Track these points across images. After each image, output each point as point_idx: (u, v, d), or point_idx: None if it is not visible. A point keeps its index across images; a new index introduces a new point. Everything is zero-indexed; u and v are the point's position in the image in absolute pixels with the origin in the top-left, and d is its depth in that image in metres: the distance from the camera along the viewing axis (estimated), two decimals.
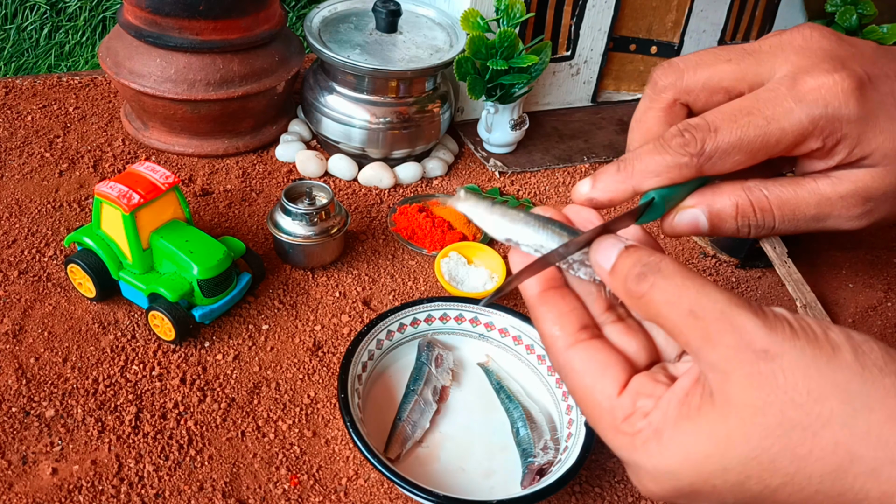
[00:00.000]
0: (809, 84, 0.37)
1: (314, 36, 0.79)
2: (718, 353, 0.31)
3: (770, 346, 0.30)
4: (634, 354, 0.36)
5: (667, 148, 0.38)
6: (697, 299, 0.32)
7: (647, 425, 0.32)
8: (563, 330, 0.36)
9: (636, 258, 0.34)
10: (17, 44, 1.79)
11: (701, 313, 0.31)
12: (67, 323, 0.62)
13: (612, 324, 0.38)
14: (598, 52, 0.94)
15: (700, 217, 0.40)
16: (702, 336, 0.31)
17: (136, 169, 0.61)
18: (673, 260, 0.34)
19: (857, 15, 0.94)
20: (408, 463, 0.55)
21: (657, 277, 0.33)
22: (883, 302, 0.76)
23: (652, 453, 0.32)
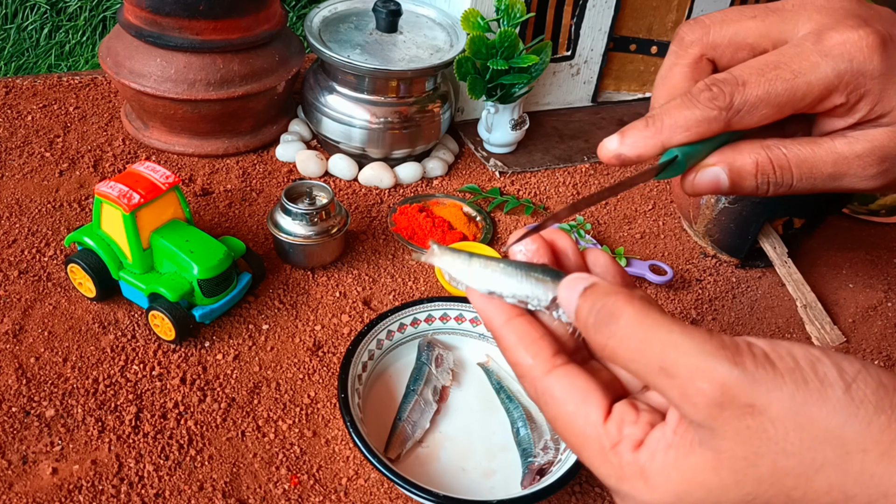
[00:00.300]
0: (835, 39, 0.38)
1: (314, 36, 0.79)
2: (700, 412, 0.30)
3: (755, 399, 0.29)
4: (607, 385, 0.35)
5: (695, 102, 0.38)
6: (665, 353, 0.30)
7: (634, 461, 0.32)
8: (537, 357, 0.35)
9: (591, 303, 0.33)
10: (17, 43, 1.79)
11: (673, 370, 0.30)
12: (67, 323, 0.62)
13: (580, 363, 0.36)
14: (599, 52, 0.94)
15: (721, 175, 0.40)
16: (679, 394, 0.30)
17: (137, 169, 0.61)
18: (632, 300, 0.32)
19: None
20: (408, 463, 0.55)
21: (615, 328, 0.32)
22: (883, 302, 0.76)
23: (641, 489, 0.31)
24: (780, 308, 0.73)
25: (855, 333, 0.71)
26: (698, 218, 0.78)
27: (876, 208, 0.85)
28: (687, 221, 0.81)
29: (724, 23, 0.41)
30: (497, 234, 0.78)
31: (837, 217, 0.86)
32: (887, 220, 0.85)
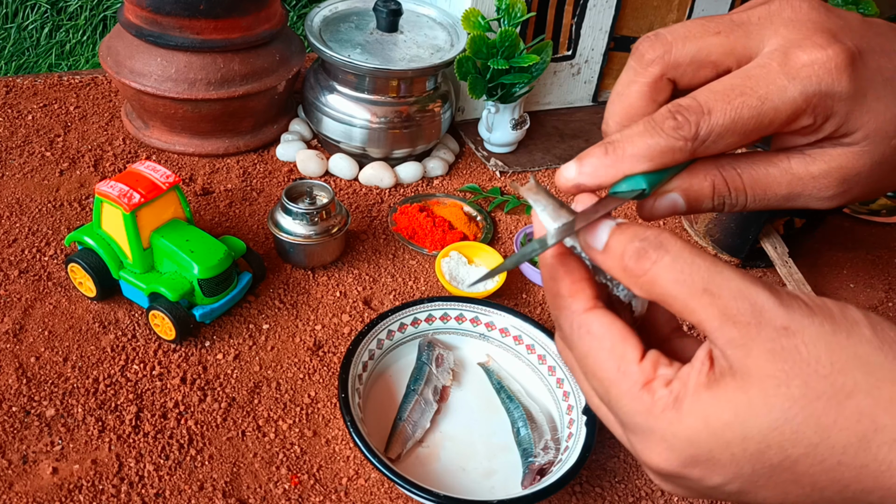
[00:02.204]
0: (802, 59, 0.36)
1: (315, 35, 0.79)
2: (739, 330, 0.30)
3: (789, 322, 0.30)
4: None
5: (658, 131, 0.37)
6: (711, 277, 0.31)
7: (668, 393, 0.32)
8: (580, 293, 0.36)
9: (632, 233, 0.33)
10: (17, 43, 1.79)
11: (717, 291, 0.31)
12: (68, 322, 0.62)
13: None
14: (599, 52, 0.94)
15: (678, 200, 0.39)
16: (719, 314, 0.31)
17: (137, 168, 0.61)
18: (674, 235, 0.33)
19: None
20: (408, 463, 0.55)
21: (660, 254, 0.32)
22: (884, 302, 0.76)
23: (671, 419, 0.32)
24: None
25: None
26: (699, 218, 0.78)
27: (877, 208, 0.85)
28: (687, 221, 0.81)
29: (687, 39, 0.39)
30: (497, 234, 0.78)
31: (838, 217, 0.86)
32: (888, 220, 0.85)
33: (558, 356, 0.59)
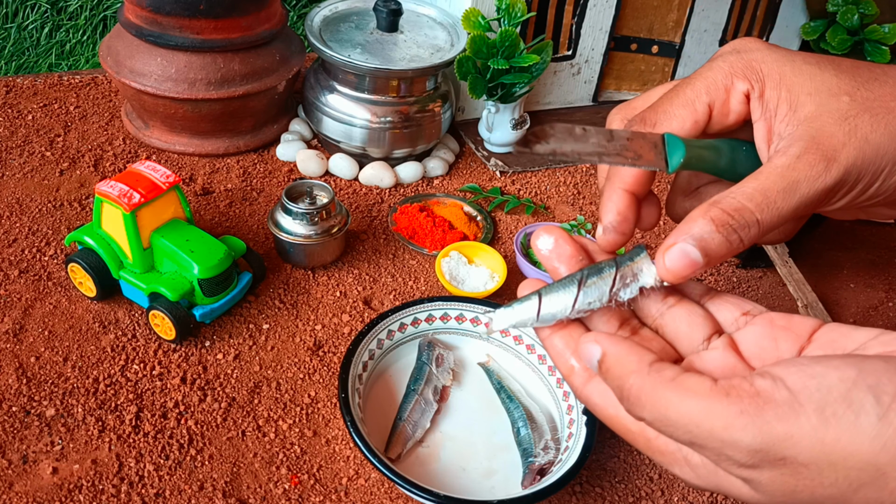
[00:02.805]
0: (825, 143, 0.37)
1: (315, 35, 0.79)
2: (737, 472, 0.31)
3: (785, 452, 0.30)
4: (659, 354, 0.36)
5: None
6: (689, 432, 0.31)
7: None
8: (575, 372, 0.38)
9: (613, 380, 0.34)
10: (17, 43, 1.79)
11: (702, 445, 0.31)
12: (68, 322, 0.62)
13: (628, 339, 0.38)
14: (600, 52, 0.94)
15: (688, 249, 0.37)
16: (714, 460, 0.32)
17: (137, 168, 0.61)
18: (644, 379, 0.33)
19: (858, 14, 0.94)
20: (408, 463, 0.55)
21: (641, 411, 0.33)
22: (884, 302, 0.76)
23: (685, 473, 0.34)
24: (781, 308, 0.73)
25: None
26: None
27: None
28: None
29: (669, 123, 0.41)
30: (498, 234, 0.78)
31: None
32: (888, 221, 0.85)
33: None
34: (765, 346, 0.36)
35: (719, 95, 0.39)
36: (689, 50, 0.98)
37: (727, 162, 0.41)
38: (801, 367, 0.31)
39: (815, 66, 0.38)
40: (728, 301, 0.39)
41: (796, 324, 0.37)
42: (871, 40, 0.95)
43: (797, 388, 0.30)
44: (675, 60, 0.98)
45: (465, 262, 0.71)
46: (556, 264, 0.40)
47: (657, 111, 0.40)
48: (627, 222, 0.40)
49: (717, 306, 0.39)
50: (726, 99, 0.39)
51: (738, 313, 0.38)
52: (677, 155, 0.38)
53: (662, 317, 0.39)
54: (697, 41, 0.97)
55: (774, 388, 0.30)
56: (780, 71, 0.38)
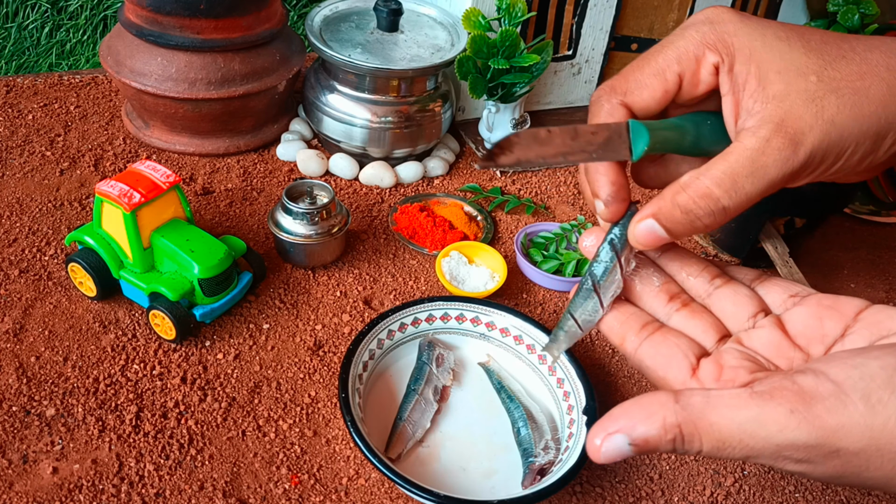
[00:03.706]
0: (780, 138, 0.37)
1: (315, 35, 0.79)
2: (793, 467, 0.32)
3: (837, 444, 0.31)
4: (702, 336, 0.38)
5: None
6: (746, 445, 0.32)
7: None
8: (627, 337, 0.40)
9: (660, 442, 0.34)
10: (18, 42, 1.79)
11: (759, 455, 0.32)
12: (68, 322, 0.62)
13: (677, 312, 0.40)
14: (600, 52, 0.94)
15: (656, 227, 0.39)
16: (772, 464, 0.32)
17: (137, 168, 0.61)
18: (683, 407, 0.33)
19: (858, 14, 0.94)
20: (408, 463, 0.55)
21: (700, 446, 0.33)
22: (885, 301, 0.76)
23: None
24: None
25: None
26: None
27: (878, 208, 0.84)
28: None
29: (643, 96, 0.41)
30: (498, 234, 0.78)
31: (839, 217, 0.86)
32: (889, 220, 0.85)
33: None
34: (810, 324, 0.37)
35: (690, 66, 0.39)
36: None
37: (692, 140, 0.41)
38: (841, 359, 0.31)
39: (786, 41, 0.38)
40: (777, 284, 0.40)
41: (843, 304, 0.37)
42: None
43: (840, 379, 0.31)
44: None
45: (466, 261, 0.71)
46: None
47: (628, 80, 0.40)
48: (623, 188, 0.41)
49: (766, 289, 0.40)
50: (696, 69, 0.40)
51: (785, 296, 0.40)
52: (641, 142, 0.39)
53: (710, 297, 0.41)
54: None
55: (818, 383, 0.31)
56: (750, 45, 0.38)
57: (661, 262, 0.42)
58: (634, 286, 0.41)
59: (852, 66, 0.38)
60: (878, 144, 0.38)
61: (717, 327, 0.39)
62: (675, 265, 0.42)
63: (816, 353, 0.37)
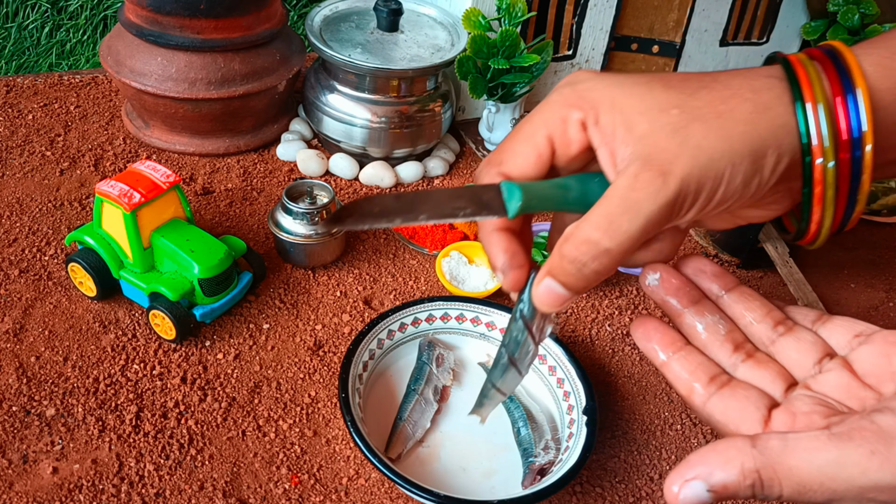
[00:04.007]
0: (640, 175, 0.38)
1: (315, 35, 0.79)
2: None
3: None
4: (770, 386, 0.38)
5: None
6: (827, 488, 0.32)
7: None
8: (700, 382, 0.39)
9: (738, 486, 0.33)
10: (18, 42, 1.79)
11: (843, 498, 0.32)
12: (68, 322, 0.62)
13: (743, 363, 0.40)
14: (600, 52, 0.94)
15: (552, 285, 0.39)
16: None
17: (137, 168, 0.61)
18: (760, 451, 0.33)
19: (859, 14, 0.94)
20: (408, 463, 0.55)
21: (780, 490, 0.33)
22: (885, 302, 0.76)
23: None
24: None
25: None
26: None
27: (878, 208, 0.85)
28: None
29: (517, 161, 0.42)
30: None
31: None
32: (889, 220, 0.85)
33: (559, 356, 0.59)
34: (879, 363, 0.37)
35: (557, 126, 0.40)
36: (689, 50, 0.98)
37: (577, 196, 0.41)
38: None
39: (645, 85, 0.39)
40: (840, 325, 0.40)
41: None
42: None
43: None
44: (676, 60, 0.98)
45: (466, 261, 0.71)
46: (665, 297, 0.41)
47: (503, 151, 0.41)
48: (518, 255, 0.41)
49: (829, 331, 0.40)
50: (564, 129, 0.40)
51: (850, 336, 0.39)
52: (514, 200, 0.39)
53: (774, 344, 0.41)
54: (698, 41, 0.97)
55: (880, 426, 0.31)
56: (611, 95, 0.39)
57: (724, 305, 0.42)
58: (699, 334, 0.41)
59: (714, 93, 0.38)
60: (757, 164, 0.37)
61: (784, 376, 0.39)
62: (739, 308, 0.42)
63: (888, 392, 0.36)
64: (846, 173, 0.38)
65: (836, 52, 0.38)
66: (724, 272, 0.43)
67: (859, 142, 0.37)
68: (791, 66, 0.38)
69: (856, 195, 0.38)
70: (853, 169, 0.37)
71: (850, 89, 0.37)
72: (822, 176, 0.37)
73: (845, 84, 0.37)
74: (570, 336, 0.67)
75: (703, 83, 0.38)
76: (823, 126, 0.37)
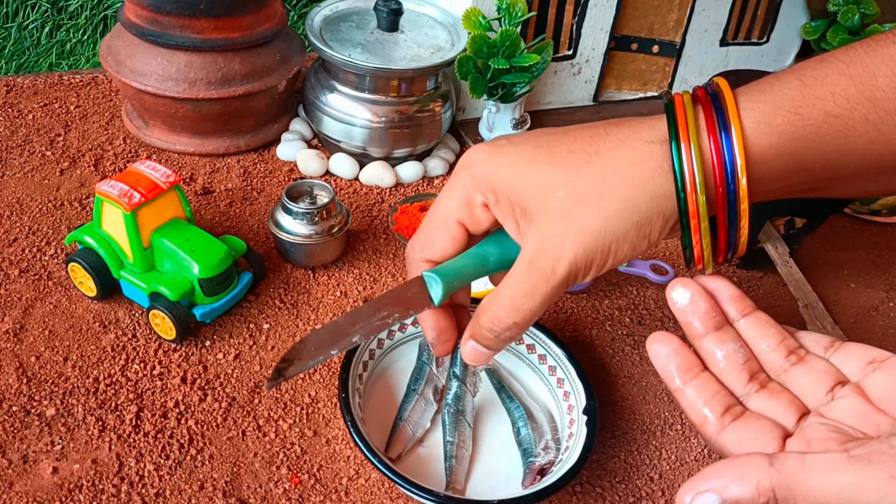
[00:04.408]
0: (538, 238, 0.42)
1: (315, 34, 0.79)
2: None
3: None
4: (783, 416, 0.39)
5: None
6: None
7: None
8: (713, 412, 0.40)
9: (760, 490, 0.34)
10: (18, 42, 1.79)
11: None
12: (68, 322, 0.62)
13: (756, 393, 0.41)
14: (600, 52, 0.94)
15: (476, 346, 0.46)
16: None
17: (137, 168, 0.61)
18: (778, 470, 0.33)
19: (859, 14, 0.94)
20: (408, 462, 0.55)
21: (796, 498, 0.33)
22: (885, 302, 0.76)
23: None
24: (781, 308, 0.73)
25: (856, 333, 0.71)
26: None
27: (878, 208, 0.85)
28: None
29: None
30: None
31: (839, 217, 0.86)
32: (889, 220, 0.85)
33: (559, 356, 0.59)
34: (892, 387, 0.37)
35: (464, 211, 0.45)
36: (689, 49, 0.98)
37: (497, 259, 0.46)
38: None
39: (532, 162, 0.42)
40: (854, 352, 0.41)
41: None
42: None
43: None
44: (676, 60, 0.98)
45: None
46: (689, 319, 0.43)
47: (422, 237, 0.47)
48: (446, 330, 0.48)
49: (842, 358, 0.41)
50: (471, 212, 0.45)
51: (863, 363, 0.40)
52: (436, 288, 0.45)
53: (786, 373, 0.41)
54: (698, 41, 0.97)
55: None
56: (504, 179, 0.43)
57: (739, 329, 0.43)
58: (718, 361, 0.42)
59: (595, 171, 0.41)
60: (643, 232, 0.40)
61: (797, 405, 0.40)
62: (755, 334, 0.43)
63: None
64: (722, 204, 0.40)
65: (718, 94, 0.41)
66: (743, 296, 0.44)
67: (733, 175, 0.39)
68: (672, 109, 0.41)
69: (736, 223, 0.41)
70: (729, 199, 0.40)
71: (724, 127, 0.39)
72: (697, 208, 0.40)
73: (720, 122, 0.40)
74: (570, 336, 0.67)
75: (587, 156, 0.41)
76: (695, 162, 0.39)
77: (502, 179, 0.43)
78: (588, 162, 0.41)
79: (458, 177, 0.45)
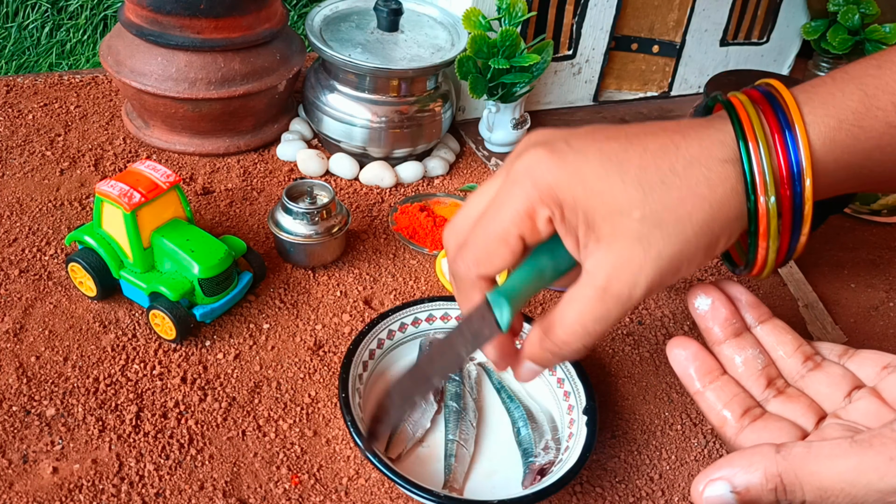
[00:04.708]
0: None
1: (315, 34, 0.79)
2: None
3: None
4: (801, 419, 0.40)
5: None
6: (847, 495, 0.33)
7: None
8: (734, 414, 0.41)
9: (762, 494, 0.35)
10: (18, 42, 1.79)
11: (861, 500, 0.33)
12: (68, 322, 0.62)
13: (774, 398, 0.41)
14: (600, 52, 0.94)
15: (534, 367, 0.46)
16: None
17: (137, 168, 0.61)
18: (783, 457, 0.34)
19: (859, 14, 0.94)
20: (409, 462, 0.55)
21: (802, 495, 0.34)
22: (885, 302, 0.76)
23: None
24: (781, 308, 0.73)
25: (856, 333, 0.71)
26: None
27: (878, 208, 0.85)
28: None
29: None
30: None
31: (839, 217, 0.86)
32: (889, 220, 0.85)
33: None
34: None
35: (526, 225, 0.42)
36: (689, 49, 0.98)
37: (552, 271, 0.45)
38: None
39: (605, 179, 0.40)
40: (868, 358, 0.42)
41: None
42: (871, 40, 0.95)
43: None
44: (676, 60, 0.98)
45: None
46: (710, 325, 0.43)
47: (476, 249, 0.43)
48: (508, 345, 0.47)
49: (857, 364, 0.42)
50: (533, 226, 0.42)
51: (878, 368, 0.41)
52: (505, 312, 0.43)
53: (803, 379, 0.42)
54: (698, 41, 0.97)
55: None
56: (572, 194, 0.40)
57: (758, 335, 0.44)
58: (737, 367, 0.43)
59: (672, 193, 0.39)
60: (710, 252, 0.40)
61: (815, 409, 0.41)
62: (771, 340, 0.44)
63: None
64: (788, 207, 0.40)
65: (775, 96, 0.40)
66: (760, 303, 0.44)
67: (799, 176, 0.39)
68: (734, 109, 0.40)
69: (800, 226, 0.40)
70: (794, 202, 0.39)
71: (787, 127, 0.39)
72: (766, 211, 0.39)
73: (783, 122, 0.39)
74: None
75: (660, 174, 0.40)
76: (765, 162, 0.39)
77: (572, 195, 0.40)
78: (664, 182, 0.39)
79: (519, 185, 0.41)
